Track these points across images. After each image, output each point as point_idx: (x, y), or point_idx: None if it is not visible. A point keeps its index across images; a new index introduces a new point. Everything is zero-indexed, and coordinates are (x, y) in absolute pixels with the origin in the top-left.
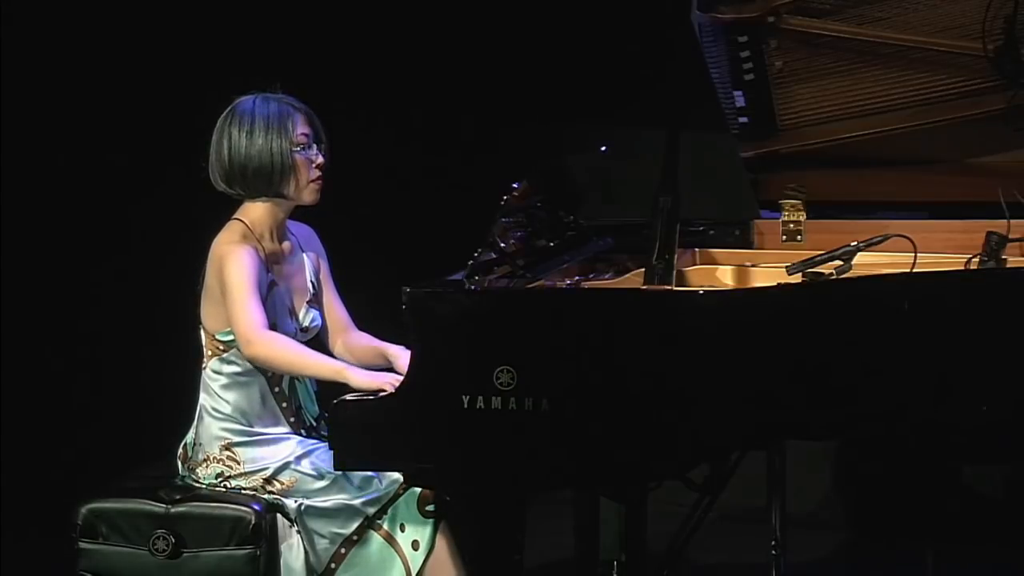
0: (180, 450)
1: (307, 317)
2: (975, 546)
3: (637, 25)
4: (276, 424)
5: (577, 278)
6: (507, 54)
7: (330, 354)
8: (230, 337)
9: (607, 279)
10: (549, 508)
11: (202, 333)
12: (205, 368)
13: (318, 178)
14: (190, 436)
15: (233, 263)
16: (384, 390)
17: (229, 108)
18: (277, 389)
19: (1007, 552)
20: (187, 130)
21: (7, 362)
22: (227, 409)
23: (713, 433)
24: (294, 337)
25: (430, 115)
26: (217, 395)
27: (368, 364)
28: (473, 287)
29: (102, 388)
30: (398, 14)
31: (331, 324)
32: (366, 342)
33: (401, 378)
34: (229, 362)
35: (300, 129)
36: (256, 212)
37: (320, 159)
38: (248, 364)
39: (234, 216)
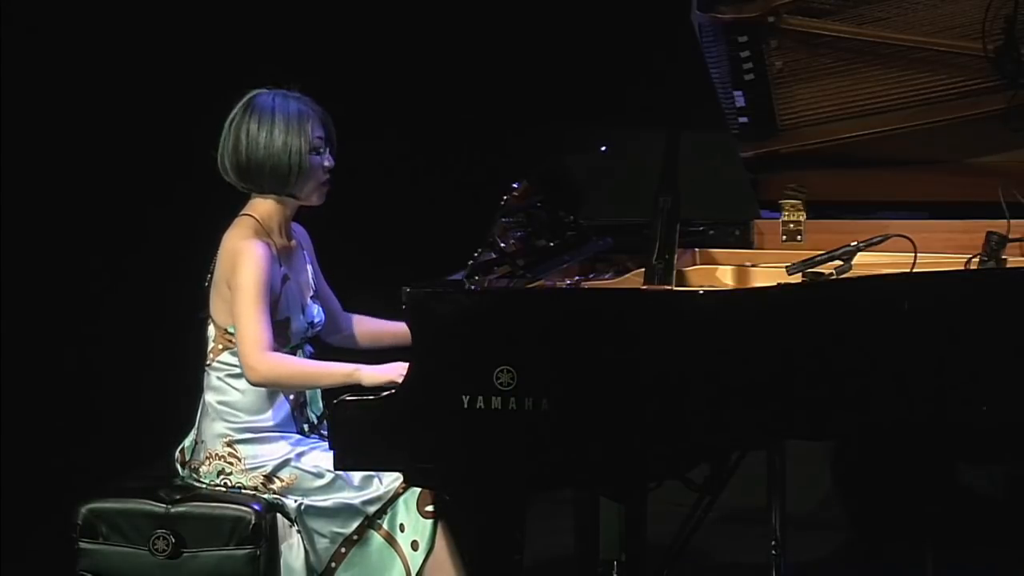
0: (177, 454)
1: (314, 313)
2: (975, 546)
3: (637, 25)
4: (280, 416)
5: (577, 278)
6: (507, 55)
7: (333, 352)
8: None
9: (607, 279)
10: (549, 508)
11: (211, 327)
12: (211, 363)
13: (327, 181)
14: (189, 439)
15: (247, 262)
16: (395, 383)
17: (246, 100)
18: None
19: (1007, 553)
20: (191, 132)
21: (7, 362)
22: (235, 398)
23: (713, 433)
24: (305, 332)
25: (430, 115)
26: (226, 385)
27: (375, 343)
28: (473, 287)
29: (102, 388)
30: (398, 14)
31: (331, 308)
32: (372, 326)
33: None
34: None
35: (316, 132)
36: (266, 208)
37: (331, 163)
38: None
39: (243, 212)
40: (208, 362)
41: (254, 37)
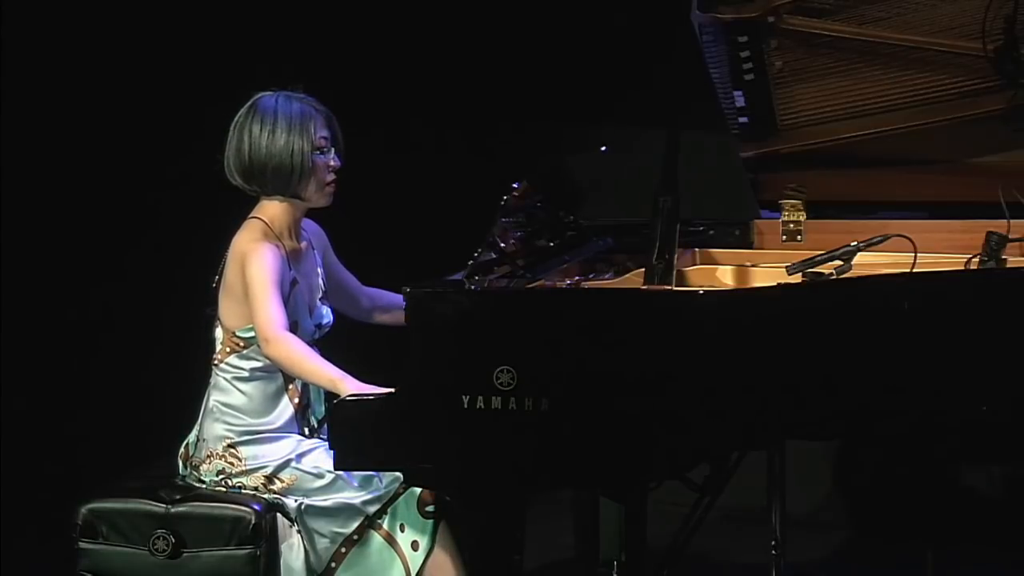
0: (182, 449)
1: (323, 315)
2: (975, 546)
3: (637, 25)
4: (282, 418)
5: (577, 278)
6: (507, 54)
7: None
8: (250, 334)
9: (607, 279)
10: (549, 508)
11: (219, 330)
12: (219, 364)
13: (333, 181)
14: (192, 435)
15: (256, 260)
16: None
17: (250, 103)
18: (291, 387)
19: (1007, 552)
20: (198, 128)
21: (7, 362)
22: (240, 400)
23: (713, 433)
24: (312, 335)
25: (430, 115)
26: (232, 387)
27: (390, 321)
28: (473, 287)
29: (103, 388)
30: (398, 14)
31: (347, 285)
32: (387, 309)
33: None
34: (248, 358)
35: (320, 132)
36: (274, 211)
37: (336, 163)
38: (268, 360)
39: (252, 215)
40: (216, 363)
41: (261, 38)
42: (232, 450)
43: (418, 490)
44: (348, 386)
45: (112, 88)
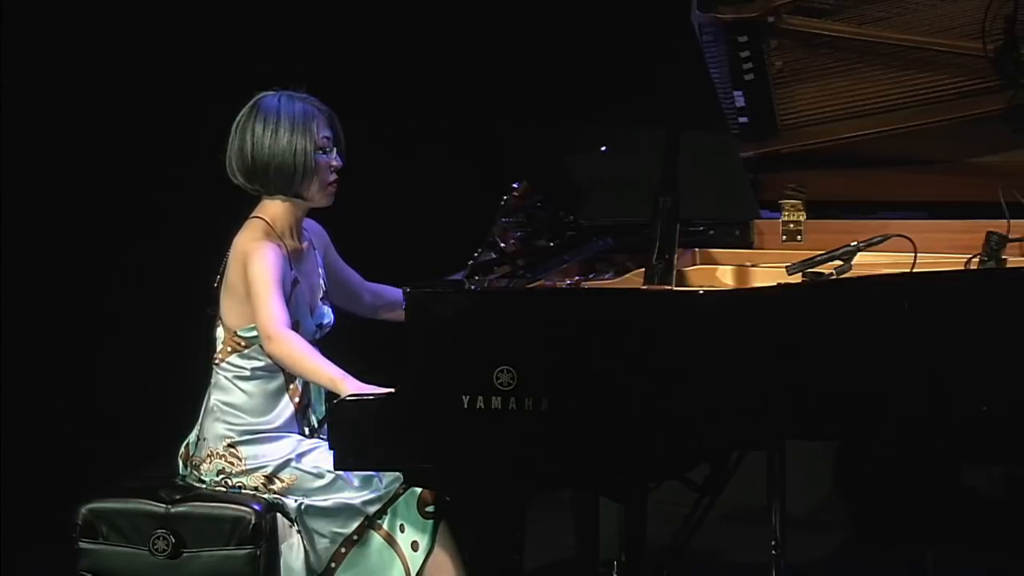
0: (182, 449)
1: (324, 314)
2: (975, 546)
3: (637, 24)
4: (282, 418)
5: (577, 278)
6: (506, 53)
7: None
8: (252, 333)
9: (607, 279)
10: (549, 508)
11: (220, 329)
12: (220, 363)
13: (334, 181)
14: (193, 435)
15: (258, 260)
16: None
17: (252, 103)
18: (292, 386)
19: (1007, 552)
20: (200, 128)
21: (7, 361)
22: (241, 399)
23: (713, 433)
24: (313, 334)
25: (429, 115)
26: (233, 386)
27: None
28: (473, 287)
29: (103, 387)
30: (399, 14)
31: (350, 282)
32: (389, 305)
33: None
34: (250, 357)
35: (323, 132)
36: (276, 210)
37: (338, 162)
38: (269, 359)
39: (253, 215)
40: (217, 362)
41: (263, 38)
42: (232, 449)
43: (418, 490)
44: (348, 386)
45: (113, 88)
